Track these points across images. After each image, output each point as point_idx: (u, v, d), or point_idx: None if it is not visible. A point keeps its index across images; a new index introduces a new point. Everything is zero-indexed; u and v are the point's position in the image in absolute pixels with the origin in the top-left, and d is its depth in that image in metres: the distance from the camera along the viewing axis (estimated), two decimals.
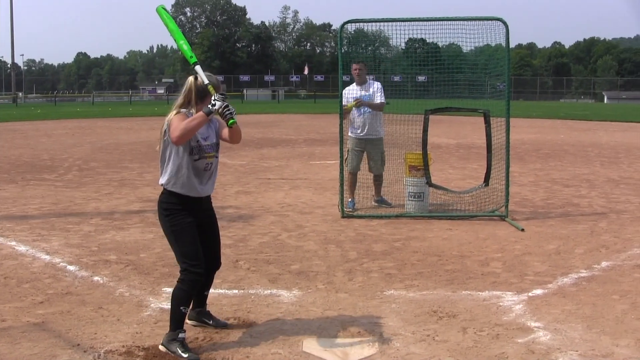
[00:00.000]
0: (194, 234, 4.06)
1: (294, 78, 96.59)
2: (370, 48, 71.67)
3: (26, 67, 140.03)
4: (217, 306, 4.76)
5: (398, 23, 8.38)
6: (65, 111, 42.33)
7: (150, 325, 4.47)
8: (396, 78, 10.59)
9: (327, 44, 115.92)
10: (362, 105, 8.56)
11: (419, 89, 10.19)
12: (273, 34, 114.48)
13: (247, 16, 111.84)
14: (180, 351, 3.92)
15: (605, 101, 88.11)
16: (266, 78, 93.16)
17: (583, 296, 5.11)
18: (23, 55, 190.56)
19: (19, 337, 4.22)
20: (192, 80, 4.05)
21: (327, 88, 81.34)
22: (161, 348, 4.01)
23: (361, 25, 8.80)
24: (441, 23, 8.50)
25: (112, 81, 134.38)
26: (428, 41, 9.21)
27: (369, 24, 8.76)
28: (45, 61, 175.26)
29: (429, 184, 8.25)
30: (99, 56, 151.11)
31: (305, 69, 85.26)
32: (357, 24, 8.65)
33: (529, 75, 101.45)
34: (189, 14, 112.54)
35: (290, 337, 4.25)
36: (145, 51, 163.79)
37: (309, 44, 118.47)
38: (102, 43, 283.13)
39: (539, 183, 11.20)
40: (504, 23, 7.96)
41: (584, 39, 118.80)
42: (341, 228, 7.63)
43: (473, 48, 8.98)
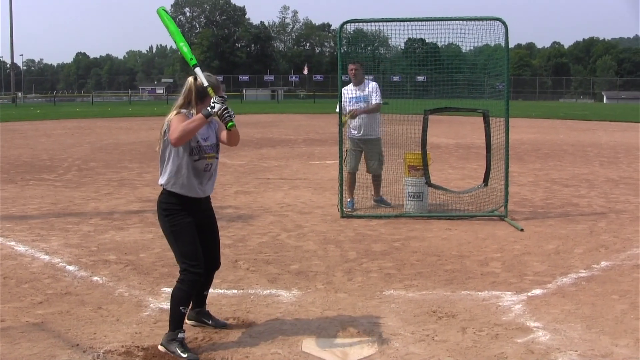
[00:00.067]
0: (194, 234, 4.06)
1: (293, 78, 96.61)
2: (369, 48, 71.68)
3: (25, 67, 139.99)
4: (217, 306, 4.76)
5: (397, 23, 8.38)
6: (64, 111, 42.33)
7: (149, 325, 4.47)
8: (395, 78, 10.57)
9: (327, 44, 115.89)
10: (358, 114, 8.55)
11: (418, 89, 10.17)
12: (272, 34, 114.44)
13: (247, 16, 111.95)
14: (179, 351, 3.92)
15: (604, 101, 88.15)
16: (265, 78, 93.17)
17: (582, 296, 5.11)
18: (22, 55, 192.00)
19: (19, 337, 4.22)
20: (192, 80, 4.05)
21: (327, 88, 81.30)
22: (160, 348, 4.01)
23: (360, 25, 8.81)
24: (440, 23, 8.49)
25: (112, 81, 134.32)
26: (427, 41, 9.21)
27: (368, 24, 8.76)
28: (44, 61, 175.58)
29: (428, 184, 8.25)
30: (99, 56, 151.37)
31: (304, 69, 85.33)
32: (357, 24, 8.66)
33: (528, 75, 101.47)
34: (188, 14, 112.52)
35: (289, 337, 4.25)
36: (144, 51, 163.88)
37: (309, 44, 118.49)
38: (102, 43, 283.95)
39: (538, 183, 11.20)
40: (503, 23, 7.97)
41: (583, 39, 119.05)
42: (340, 228, 7.63)
43: (472, 48, 8.98)
